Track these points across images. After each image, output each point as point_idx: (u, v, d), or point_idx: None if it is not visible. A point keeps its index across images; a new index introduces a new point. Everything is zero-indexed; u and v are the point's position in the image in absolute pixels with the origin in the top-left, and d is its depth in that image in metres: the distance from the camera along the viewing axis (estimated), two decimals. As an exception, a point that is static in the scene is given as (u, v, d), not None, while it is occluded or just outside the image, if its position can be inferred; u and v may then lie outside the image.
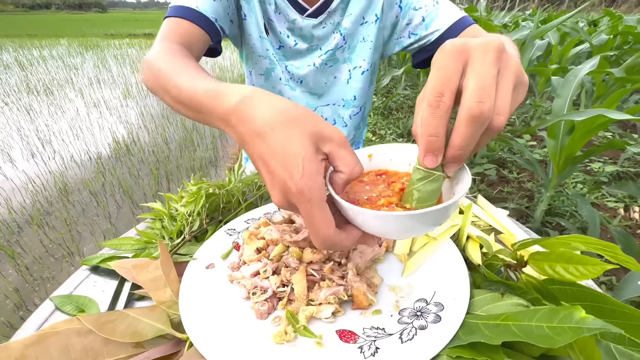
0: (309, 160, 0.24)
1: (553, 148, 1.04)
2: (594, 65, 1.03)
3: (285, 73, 0.68)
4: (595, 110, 0.75)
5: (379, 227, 0.26)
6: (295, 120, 0.25)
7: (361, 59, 0.66)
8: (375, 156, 0.34)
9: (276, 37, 0.64)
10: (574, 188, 1.38)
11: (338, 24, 0.63)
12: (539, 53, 1.46)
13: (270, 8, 0.61)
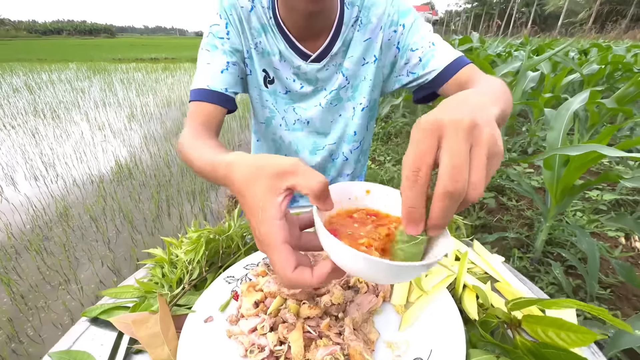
0: (264, 209, 0.28)
1: (550, 179, 1.05)
2: (585, 99, 1.07)
3: (288, 118, 0.71)
4: (588, 145, 0.77)
5: (348, 264, 0.27)
6: (257, 174, 0.29)
7: (362, 97, 0.70)
8: (372, 194, 0.34)
9: (282, 83, 0.68)
10: (573, 216, 1.38)
11: (340, 65, 0.67)
12: (532, 84, 1.51)
13: (274, 59, 0.65)
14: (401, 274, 0.27)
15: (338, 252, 0.27)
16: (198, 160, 0.44)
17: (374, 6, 0.63)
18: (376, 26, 0.64)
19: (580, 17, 33.78)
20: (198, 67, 0.62)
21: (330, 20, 0.62)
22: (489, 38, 18.57)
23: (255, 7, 0.61)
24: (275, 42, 0.64)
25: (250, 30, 0.63)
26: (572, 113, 1.07)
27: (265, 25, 0.63)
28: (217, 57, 0.61)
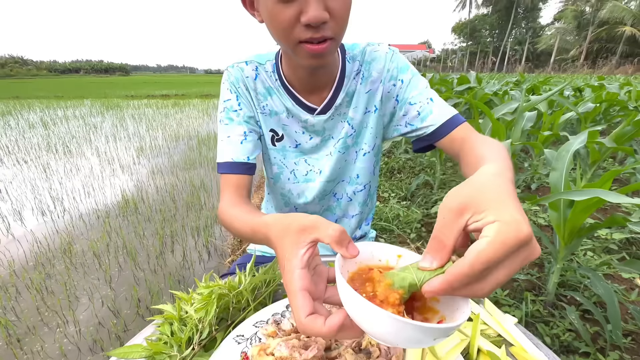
0: (289, 260, 0.32)
1: (556, 220, 1.05)
2: (583, 140, 1.10)
3: (299, 170, 0.75)
4: (591, 190, 0.78)
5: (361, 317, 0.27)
6: (286, 231, 0.35)
7: (364, 143, 0.74)
8: (404, 258, 0.34)
9: (291, 138, 0.72)
10: (584, 255, 1.35)
11: (345, 114, 0.71)
12: (530, 124, 1.56)
13: (282, 116, 0.69)
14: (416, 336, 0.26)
15: (351, 302, 0.27)
16: (238, 226, 0.53)
17: (374, 61, 0.69)
18: (376, 79, 0.69)
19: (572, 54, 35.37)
20: (220, 140, 0.68)
21: (332, 74, 0.67)
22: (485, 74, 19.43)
23: (259, 74, 0.67)
24: (282, 101, 0.68)
25: (257, 96, 0.68)
26: (572, 154, 1.09)
27: (270, 88, 0.68)
28: (235, 129, 0.67)
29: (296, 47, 0.53)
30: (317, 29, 0.50)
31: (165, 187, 3.15)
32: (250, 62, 0.68)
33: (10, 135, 5.42)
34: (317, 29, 0.50)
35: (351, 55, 0.69)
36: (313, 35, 0.50)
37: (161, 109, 8.89)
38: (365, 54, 0.69)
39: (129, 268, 1.90)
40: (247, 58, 0.68)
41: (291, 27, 0.50)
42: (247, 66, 0.67)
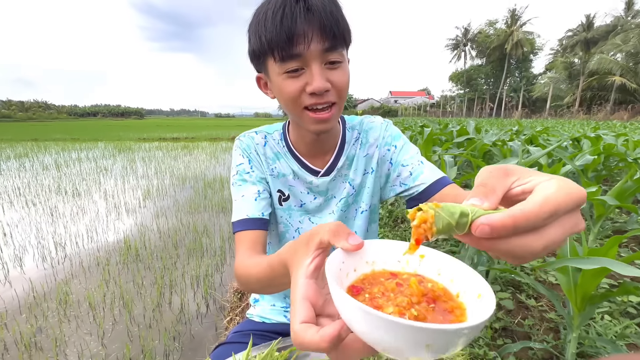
0: (295, 271, 0.32)
1: (566, 284, 1.01)
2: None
3: (303, 229, 0.78)
4: (598, 259, 0.77)
5: (356, 322, 0.23)
6: (295, 248, 0.36)
7: (363, 202, 0.78)
8: (427, 259, 0.31)
9: (297, 198, 0.76)
10: (601, 319, 1.27)
11: (346, 175, 0.76)
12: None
13: (289, 178, 0.75)
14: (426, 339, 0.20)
15: (343, 306, 0.23)
16: (256, 271, 0.52)
17: (371, 130, 0.78)
18: (373, 144, 0.76)
19: (566, 101, 36.80)
20: (234, 200, 0.71)
21: (335, 141, 0.74)
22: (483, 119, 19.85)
23: (268, 142, 0.75)
24: (289, 164, 0.74)
25: (267, 160, 0.74)
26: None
27: (278, 153, 0.75)
28: (248, 188, 0.71)
29: (302, 113, 0.60)
30: (321, 96, 0.58)
31: (169, 232, 3.14)
32: (260, 132, 0.75)
33: (24, 177, 5.59)
34: (321, 96, 0.58)
35: (350, 125, 0.77)
36: (317, 101, 0.58)
37: (171, 152, 9.20)
38: (363, 124, 0.78)
39: (124, 322, 1.82)
40: (257, 129, 0.76)
41: (298, 96, 0.58)
42: (257, 135, 0.75)
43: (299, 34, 0.54)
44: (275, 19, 0.54)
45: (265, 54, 0.58)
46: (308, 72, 0.57)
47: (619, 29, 33.68)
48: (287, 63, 0.56)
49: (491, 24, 49.81)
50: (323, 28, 0.55)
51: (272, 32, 0.54)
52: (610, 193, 1.52)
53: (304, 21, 0.54)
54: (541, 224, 0.24)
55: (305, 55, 0.56)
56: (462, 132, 3.04)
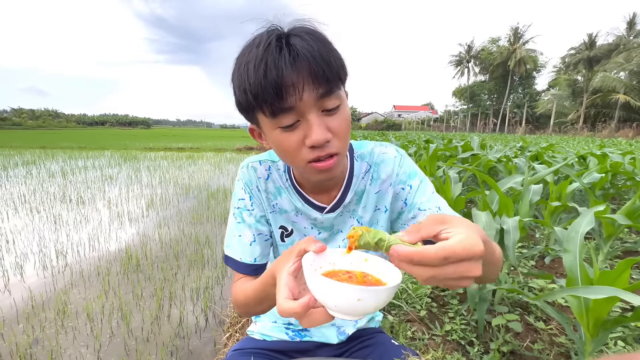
0: (280, 273, 0.45)
1: (577, 308, 0.98)
2: (591, 221, 1.08)
3: None
4: (608, 289, 0.74)
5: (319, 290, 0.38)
6: (280, 260, 0.48)
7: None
8: (370, 262, 0.46)
9: (300, 233, 0.73)
10: (615, 346, 1.22)
11: (354, 211, 0.72)
12: (537, 197, 1.57)
13: (291, 214, 0.72)
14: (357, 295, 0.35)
15: (311, 282, 0.39)
16: (251, 290, 0.59)
17: (383, 163, 0.71)
18: (385, 181, 0.71)
19: (570, 118, 36.84)
20: (230, 231, 0.72)
21: (342, 176, 0.69)
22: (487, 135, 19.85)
23: (271, 174, 0.71)
24: (292, 201, 0.70)
25: (268, 196, 0.71)
26: (583, 235, 1.07)
27: (280, 188, 0.71)
28: (245, 231, 0.70)
29: (305, 167, 0.56)
30: (322, 148, 0.53)
31: (170, 242, 3.12)
32: (264, 162, 0.71)
33: (30, 184, 5.64)
34: (322, 148, 0.53)
35: (359, 154, 0.71)
36: (319, 154, 0.53)
37: (176, 161, 9.28)
38: (374, 155, 0.71)
39: (122, 334, 1.79)
40: (261, 157, 0.72)
41: (297, 150, 0.54)
42: (261, 166, 0.71)
43: (287, 85, 0.48)
44: (258, 72, 0.48)
45: (254, 108, 0.53)
46: (305, 123, 0.52)
47: (621, 47, 34.03)
48: (280, 118, 0.51)
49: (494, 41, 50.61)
50: (314, 74, 0.49)
51: (257, 86, 0.49)
52: (621, 212, 1.49)
53: (291, 71, 0.48)
54: (436, 263, 0.34)
55: (299, 107, 0.50)
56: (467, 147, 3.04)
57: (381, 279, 0.43)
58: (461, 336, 1.38)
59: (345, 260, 0.46)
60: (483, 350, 1.29)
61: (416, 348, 1.32)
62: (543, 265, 2.08)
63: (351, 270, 0.45)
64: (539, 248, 1.54)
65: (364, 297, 0.35)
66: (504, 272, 1.54)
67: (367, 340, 0.81)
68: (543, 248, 1.49)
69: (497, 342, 1.29)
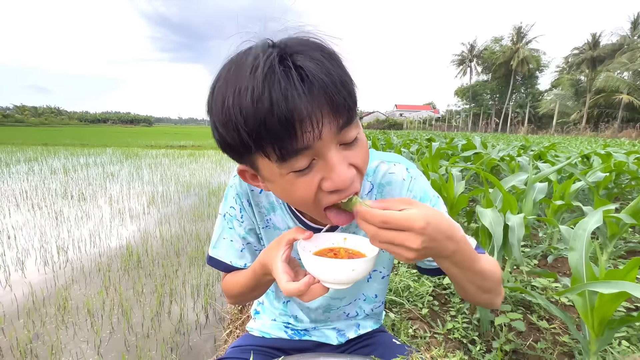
0: (274, 259, 0.50)
1: (582, 307, 0.97)
2: (599, 220, 1.06)
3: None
4: (618, 283, 0.73)
5: (314, 267, 0.45)
6: (269, 249, 0.54)
7: (381, 266, 0.73)
8: (349, 240, 0.54)
9: (294, 252, 0.67)
10: (619, 345, 1.21)
11: (354, 232, 0.67)
12: (541, 196, 1.55)
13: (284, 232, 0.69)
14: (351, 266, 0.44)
15: (307, 261, 0.46)
16: (243, 280, 0.61)
17: (388, 185, 0.63)
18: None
19: (573, 118, 36.67)
20: (218, 233, 0.68)
21: None
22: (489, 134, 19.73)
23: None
24: (285, 219, 0.65)
25: (260, 210, 0.66)
26: (589, 233, 1.05)
27: (273, 203, 0.65)
28: (235, 237, 0.67)
29: (320, 213, 0.48)
30: (345, 190, 0.44)
31: (171, 239, 3.12)
32: None
33: (32, 181, 5.66)
34: (345, 190, 0.44)
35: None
36: (340, 197, 0.44)
37: (177, 159, 9.29)
38: (379, 174, 0.63)
39: (122, 330, 1.78)
40: None
41: (314, 197, 0.44)
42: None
43: (302, 121, 0.38)
44: (259, 106, 0.37)
45: (250, 151, 0.41)
46: (322, 162, 0.42)
47: (625, 47, 33.81)
48: (291, 162, 0.41)
49: (497, 40, 50.39)
50: (334, 104, 0.39)
51: (259, 124, 0.37)
52: (625, 211, 1.47)
53: (306, 102, 0.37)
54: (377, 225, 0.41)
55: (316, 146, 0.40)
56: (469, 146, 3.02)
57: (360, 250, 0.52)
58: (463, 335, 1.37)
59: (328, 241, 0.53)
60: (485, 349, 1.28)
61: (417, 346, 1.31)
62: (546, 264, 2.06)
63: (334, 247, 0.53)
64: (542, 247, 1.53)
65: (356, 267, 0.44)
66: (507, 271, 1.53)
67: (368, 340, 0.79)
68: (546, 247, 1.47)
69: (499, 341, 1.28)
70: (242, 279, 0.62)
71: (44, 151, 10.67)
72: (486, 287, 0.53)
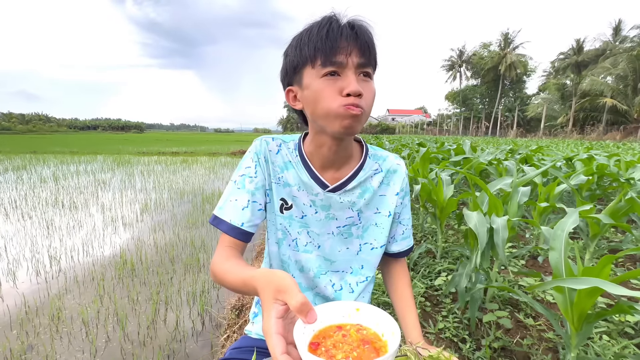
0: (267, 311, 0.42)
1: (563, 304, 1.02)
2: (575, 220, 1.13)
3: (300, 240, 0.78)
4: (590, 280, 0.78)
5: None
6: (267, 287, 0.45)
7: (372, 239, 0.79)
8: (362, 312, 0.44)
9: (299, 209, 0.77)
10: (600, 340, 1.27)
11: (354, 203, 0.77)
12: (525, 198, 1.62)
13: (294, 188, 0.76)
14: None
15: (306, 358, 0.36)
16: (231, 278, 0.61)
17: (395, 174, 0.80)
18: (393, 191, 0.80)
19: (560, 121, 37.55)
20: (226, 196, 0.75)
21: (349, 159, 0.76)
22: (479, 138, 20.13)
23: (281, 150, 0.77)
24: (299, 174, 0.75)
25: (274, 168, 0.76)
26: (568, 233, 1.12)
27: (289, 163, 0.76)
28: (242, 196, 0.74)
29: (338, 109, 0.63)
30: (356, 99, 0.62)
31: (166, 247, 3.12)
32: (276, 139, 0.78)
33: (21, 190, 5.57)
34: (356, 99, 0.62)
35: (372, 154, 0.80)
36: (353, 101, 0.62)
37: (170, 166, 9.23)
38: (387, 161, 0.80)
39: (117, 339, 1.78)
40: (275, 136, 0.79)
41: (335, 96, 0.63)
42: (273, 142, 0.77)
43: (342, 47, 0.62)
44: (321, 32, 0.62)
45: (305, 62, 0.64)
46: (344, 78, 0.63)
47: (608, 52, 34.93)
48: (328, 67, 0.63)
49: (485, 46, 51.51)
50: (362, 47, 0.62)
51: (319, 40, 0.62)
52: (605, 212, 1.55)
53: (347, 36, 0.62)
54: None
55: (345, 64, 0.62)
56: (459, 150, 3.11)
57: (377, 332, 0.42)
58: (454, 334, 1.42)
59: (337, 312, 0.45)
60: (475, 347, 1.32)
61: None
62: (534, 265, 2.13)
63: (344, 323, 0.44)
64: (528, 247, 1.59)
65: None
66: (494, 271, 1.59)
67: None
68: (532, 247, 1.54)
69: (488, 338, 1.33)
70: (230, 273, 0.61)
71: (33, 159, 10.48)
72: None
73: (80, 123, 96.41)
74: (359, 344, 0.39)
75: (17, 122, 76.17)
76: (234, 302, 2.03)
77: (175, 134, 67.20)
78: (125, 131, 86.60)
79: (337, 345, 0.39)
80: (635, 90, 29.56)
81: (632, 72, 29.52)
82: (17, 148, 15.93)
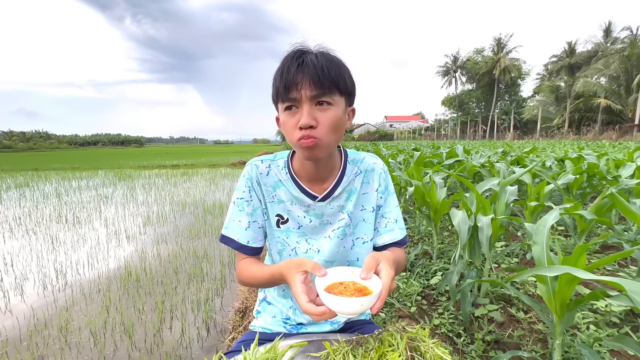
0: (293, 280, 0.64)
1: (546, 294, 1.09)
2: (556, 217, 1.20)
3: (300, 249, 0.87)
4: (562, 267, 0.86)
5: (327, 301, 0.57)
6: (290, 266, 0.67)
7: (362, 234, 0.88)
8: (355, 272, 0.66)
9: (295, 221, 0.85)
10: (587, 329, 1.33)
11: (343, 206, 0.85)
12: (513, 197, 1.70)
13: (287, 203, 0.85)
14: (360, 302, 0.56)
15: (325, 297, 0.57)
16: (259, 276, 0.77)
17: (372, 172, 0.88)
18: (373, 188, 0.87)
19: (556, 123, 37.85)
20: (230, 216, 0.85)
21: (333, 170, 0.84)
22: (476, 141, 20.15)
23: (270, 170, 0.85)
24: (289, 190, 0.84)
25: (267, 189, 0.85)
26: (549, 228, 1.20)
27: (279, 181, 0.84)
28: (243, 217, 0.84)
29: (296, 143, 0.73)
30: (307, 131, 0.70)
31: (169, 257, 3.17)
32: (265, 161, 0.86)
33: (24, 206, 5.64)
34: (307, 131, 0.70)
35: (352, 159, 0.88)
36: (303, 134, 0.70)
37: (170, 178, 9.32)
38: (364, 162, 0.88)
39: (125, 347, 1.84)
40: (263, 157, 0.87)
41: (293, 130, 0.72)
42: (262, 164, 0.85)
43: (296, 82, 0.69)
44: (280, 70, 0.71)
45: (276, 97, 0.74)
46: (300, 111, 0.70)
47: (599, 54, 35.47)
48: (285, 103, 0.72)
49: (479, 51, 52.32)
50: (313, 77, 0.68)
51: (278, 82, 0.72)
52: (590, 209, 1.62)
53: (298, 72, 0.69)
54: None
55: (299, 99, 0.70)
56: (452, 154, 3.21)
57: (366, 285, 0.63)
58: (449, 329, 1.48)
59: (339, 274, 0.66)
60: (469, 341, 1.38)
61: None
62: (526, 262, 2.19)
63: (344, 281, 0.65)
64: (517, 244, 1.66)
65: (364, 303, 0.56)
66: (486, 268, 1.65)
67: (357, 330, 0.91)
68: (521, 244, 1.61)
69: (481, 332, 1.39)
70: (257, 273, 0.78)
71: (35, 176, 10.58)
72: (403, 267, 0.90)
73: (80, 139, 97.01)
74: (354, 292, 0.60)
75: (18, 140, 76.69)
76: (237, 305, 2.09)
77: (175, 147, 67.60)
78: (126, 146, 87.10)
79: (340, 292, 0.60)
80: (629, 90, 29.93)
81: (624, 73, 29.95)
82: (18, 165, 16.05)
